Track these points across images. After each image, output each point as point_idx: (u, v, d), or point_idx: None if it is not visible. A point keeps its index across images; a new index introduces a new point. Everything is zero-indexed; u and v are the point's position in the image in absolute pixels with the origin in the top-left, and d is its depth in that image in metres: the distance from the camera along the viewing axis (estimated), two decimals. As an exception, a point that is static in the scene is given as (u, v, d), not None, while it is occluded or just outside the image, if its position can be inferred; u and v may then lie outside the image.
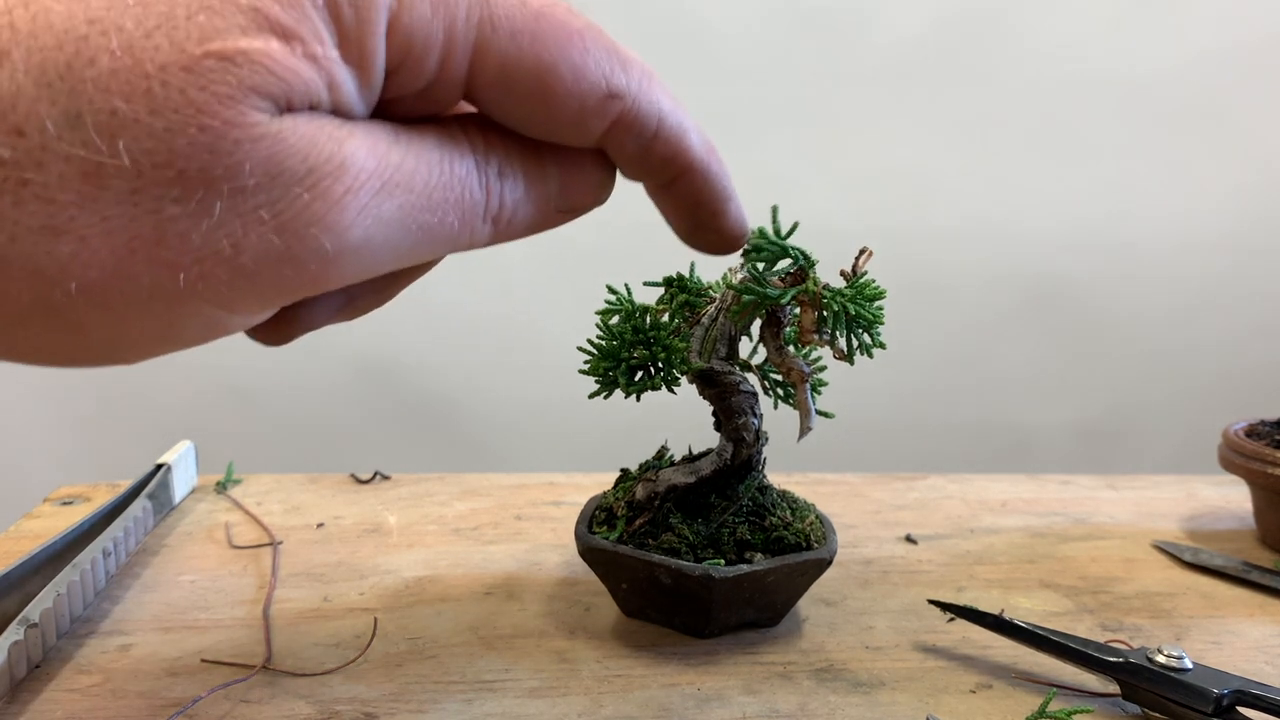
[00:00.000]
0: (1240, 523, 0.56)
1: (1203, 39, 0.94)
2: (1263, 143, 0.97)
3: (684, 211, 0.27)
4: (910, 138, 0.94)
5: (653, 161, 0.25)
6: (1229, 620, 0.42)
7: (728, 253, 0.28)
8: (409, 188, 0.20)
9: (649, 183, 0.26)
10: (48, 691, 0.34)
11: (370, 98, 0.20)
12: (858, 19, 0.91)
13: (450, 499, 0.57)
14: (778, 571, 0.36)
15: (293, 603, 0.42)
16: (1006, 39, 0.93)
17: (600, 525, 0.40)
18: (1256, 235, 0.99)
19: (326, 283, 0.20)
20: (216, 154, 0.17)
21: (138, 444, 0.72)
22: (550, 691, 0.34)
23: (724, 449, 0.39)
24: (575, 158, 0.24)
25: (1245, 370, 1.01)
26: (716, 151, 0.26)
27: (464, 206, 0.22)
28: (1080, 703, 0.34)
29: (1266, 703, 0.32)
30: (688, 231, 0.28)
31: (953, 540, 0.52)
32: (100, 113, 0.17)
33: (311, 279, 0.20)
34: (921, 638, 0.39)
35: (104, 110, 0.17)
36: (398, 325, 0.95)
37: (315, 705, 0.33)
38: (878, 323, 0.35)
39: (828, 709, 0.34)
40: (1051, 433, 1.03)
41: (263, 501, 0.55)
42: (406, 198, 0.20)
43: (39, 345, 0.19)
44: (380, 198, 0.20)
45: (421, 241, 0.21)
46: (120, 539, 0.43)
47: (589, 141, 0.23)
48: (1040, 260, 0.99)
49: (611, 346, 0.36)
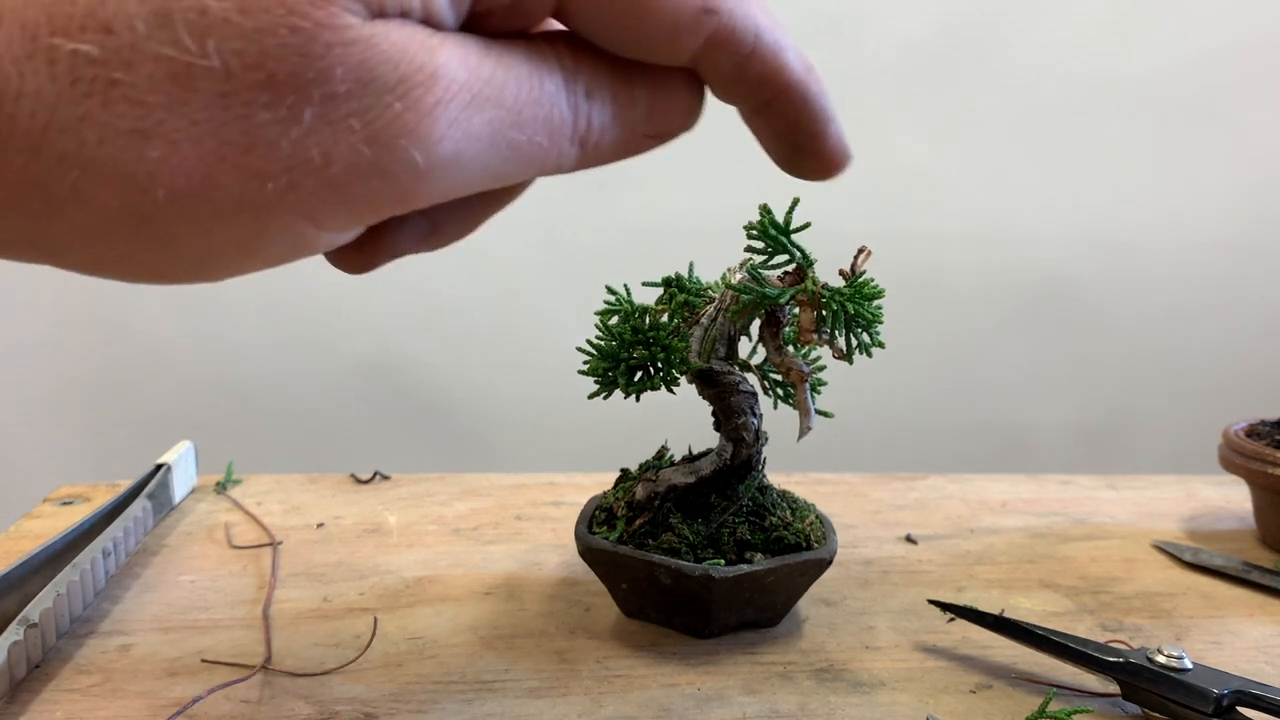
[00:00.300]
0: (1240, 523, 0.56)
1: (1203, 39, 0.94)
2: (1263, 143, 0.97)
3: (782, 135, 0.26)
4: (909, 138, 0.94)
5: (749, 81, 0.24)
6: (1229, 620, 0.42)
7: (828, 177, 0.27)
8: (499, 102, 0.20)
9: (744, 105, 0.25)
10: (47, 691, 0.34)
11: (461, 7, 0.20)
12: (858, 21, 0.91)
13: (450, 499, 0.57)
14: (778, 571, 0.36)
15: (293, 603, 0.42)
16: (1006, 41, 0.93)
17: (600, 525, 0.40)
18: (1256, 236, 0.99)
19: (416, 198, 0.20)
20: (307, 56, 0.17)
21: (138, 444, 0.72)
22: (550, 691, 0.34)
23: (724, 449, 0.39)
24: (665, 80, 0.24)
25: (1245, 370, 1.01)
26: (815, 71, 0.25)
27: (552, 125, 0.21)
28: (1080, 703, 0.34)
29: (1266, 703, 0.32)
30: (786, 157, 0.27)
31: (953, 540, 0.52)
32: (190, 11, 0.16)
33: (401, 193, 0.19)
34: (921, 638, 0.39)
35: (194, 9, 0.16)
36: (398, 325, 0.95)
37: (315, 705, 0.33)
38: (877, 322, 0.35)
39: (828, 709, 0.34)
40: (1051, 433, 1.03)
41: (263, 502, 0.55)
42: (496, 112, 0.20)
43: (127, 257, 0.19)
44: (471, 111, 0.19)
45: (510, 159, 0.21)
46: (120, 539, 0.43)
47: (682, 59, 0.23)
48: (1040, 260, 0.99)
49: (611, 347, 0.36)
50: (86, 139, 0.17)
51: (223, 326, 0.94)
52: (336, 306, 0.93)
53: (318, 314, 0.94)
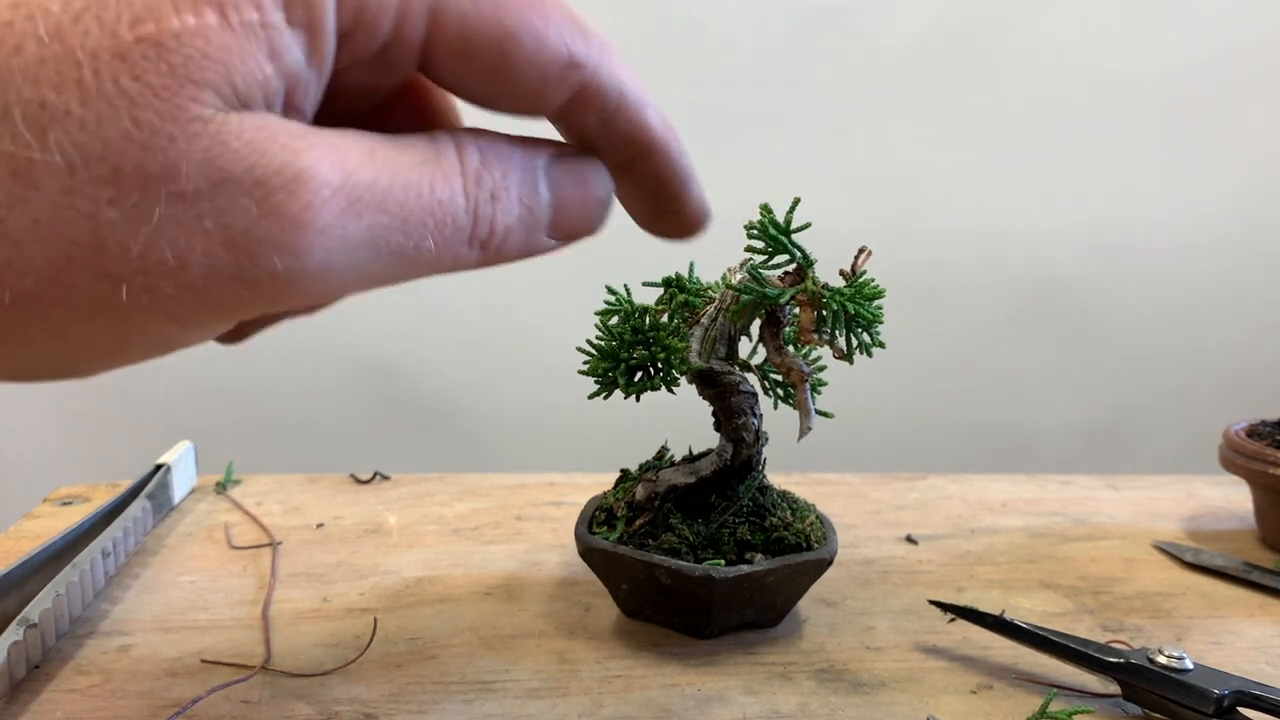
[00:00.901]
0: (1241, 523, 0.56)
1: (1203, 39, 0.94)
2: (1263, 144, 0.97)
3: (645, 194, 0.26)
4: (910, 138, 0.94)
5: (614, 138, 0.24)
6: (1230, 620, 0.42)
7: (689, 237, 0.27)
8: (381, 208, 0.19)
9: (608, 163, 0.25)
10: (47, 692, 0.34)
11: (323, 67, 0.19)
12: (857, 20, 0.91)
13: (450, 499, 0.57)
14: (778, 572, 0.36)
15: (292, 603, 0.42)
16: (1007, 40, 0.93)
17: (600, 525, 0.40)
18: (1257, 236, 0.99)
19: (286, 303, 0.19)
20: (150, 150, 0.16)
21: (137, 444, 0.72)
22: (550, 692, 0.34)
23: (724, 449, 0.39)
24: (575, 179, 0.24)
25: (1246, 371, 1.01)
26: (676, 131, 0.25)
27: (445, 231, 0.20)
28: (1081, 703, 0.34)
29: (1267, 703, 0.32)
30: (649, 216, 0.26)
31: (953, 540, 0.52)
32: (29, 104, 0.15)
33: (267, 298, 0.18)
34: (922, 638, 0.39)
35: (33, 102, 0.15)
36: (398, 325, 0.95)
37: (315, 705, 0.33)
38: (877, 322, 0.35)
39: (828, 709, 0.34)
40: (1052, 433, 1.03)
41: (262, 502, 0.55)
42: (378, 218, 0.19)
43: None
44: (346, 218, 0.18)
45: (395, 265, 0.20)
46: (120, 539, 0.43)
47: (548, 113, 0.22)
48: (1040, 261, 0.99)
49: (611, 347, 0.36)
50: None
51: (223, 326, 0.94)
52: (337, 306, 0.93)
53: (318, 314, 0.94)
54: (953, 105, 0.94)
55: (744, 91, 0.88)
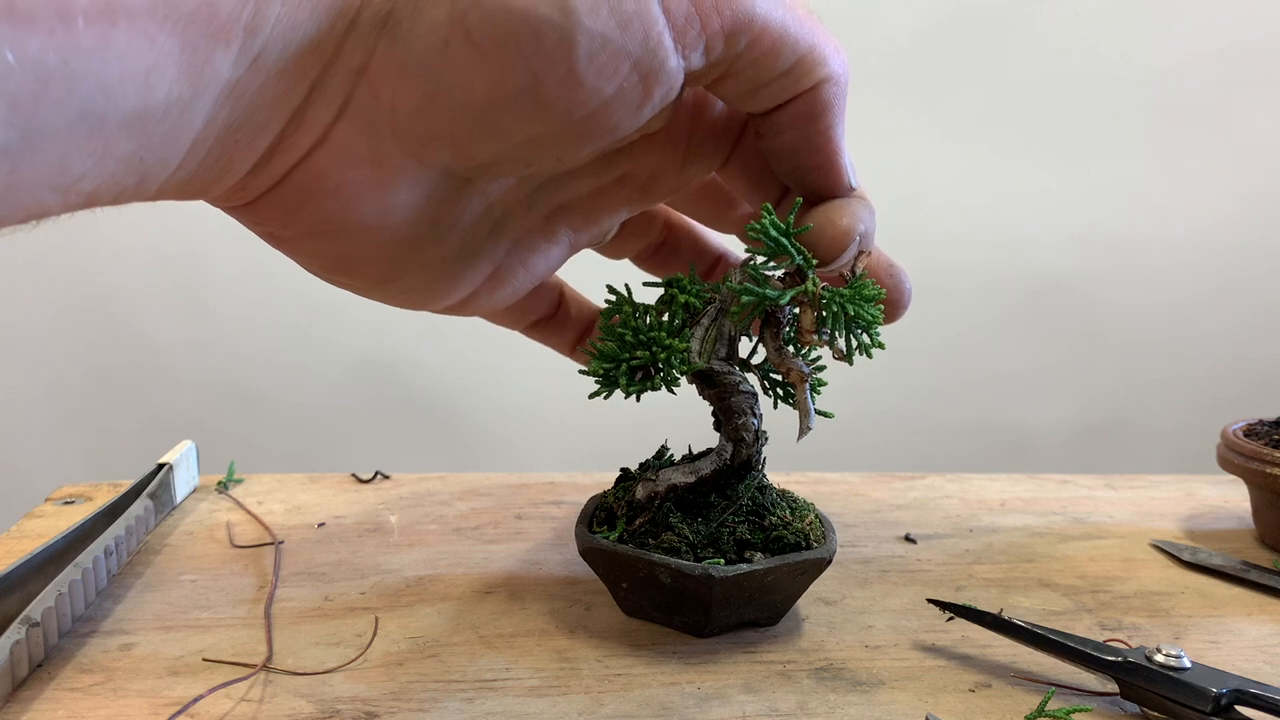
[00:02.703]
0: (1239, 522, 0.56)
1: (1203, 39, 0.94)
2: (1262, 144, 0.97)
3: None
4: (909, 138, 0.94)
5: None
6: (1228, 619, 0.42)
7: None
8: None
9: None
10: (49, 690, 0.34)
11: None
12: (857, 20, 0.91)
13: (451, 498, 0.57)
14: (777, 571, 0.37)
15: (294, 602, 0.42)
16: (1005, 40, 0.93)
17: (600, 525, 0.40)
18: (1256, 236, 0.99)
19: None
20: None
21: (139, 444, 0.72)
22: (551, 690, 0.34)
23: (724, 449, 0.39)
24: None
25: (1244, 370, 1.01)
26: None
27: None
28: (1079, 701, 0.34)
29: (1265, 702, 0.32)
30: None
31: (952, 540, 0.52)
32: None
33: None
34: (920, 637, 0.40)
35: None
36: (399, 325, 0.95)
37: (316, 704, 0.33)
38: (876, 323, 0.35)
39: (827, 708, 0.34)
40: (1050, 432, 1.03)
41: (264, 501, 0.55)
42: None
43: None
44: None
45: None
46: (122, 538, 0.44)
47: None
48: (1039, 260, 0.99)
49: (611, 347, 0.37)
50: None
51: (224, 327, 0.94)
52: (338, 306, 0.93)
53: (319, 314, 0.94)
54: (952, 105, 0.94)
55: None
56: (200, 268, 0.92)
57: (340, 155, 0.25)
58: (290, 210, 0.26)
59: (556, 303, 0.41)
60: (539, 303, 0.40)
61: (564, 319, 0.41)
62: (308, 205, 0.26)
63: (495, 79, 0.24)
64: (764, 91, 0.29)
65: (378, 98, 0.24)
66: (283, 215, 0.26)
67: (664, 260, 0.41)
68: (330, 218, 0.26)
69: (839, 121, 0.31)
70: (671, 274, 0.40)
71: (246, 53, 0.21)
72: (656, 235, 0.40)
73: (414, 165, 0.26)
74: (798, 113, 0.30)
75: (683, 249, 0.41)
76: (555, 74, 0.24)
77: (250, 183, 0.25)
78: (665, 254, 0.41)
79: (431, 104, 0.24)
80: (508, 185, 0.30)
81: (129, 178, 0.21)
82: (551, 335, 0.41)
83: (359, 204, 0.26)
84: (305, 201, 0.26)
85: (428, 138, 0.25)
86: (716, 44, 0.26)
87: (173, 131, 0.21)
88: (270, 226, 0.27)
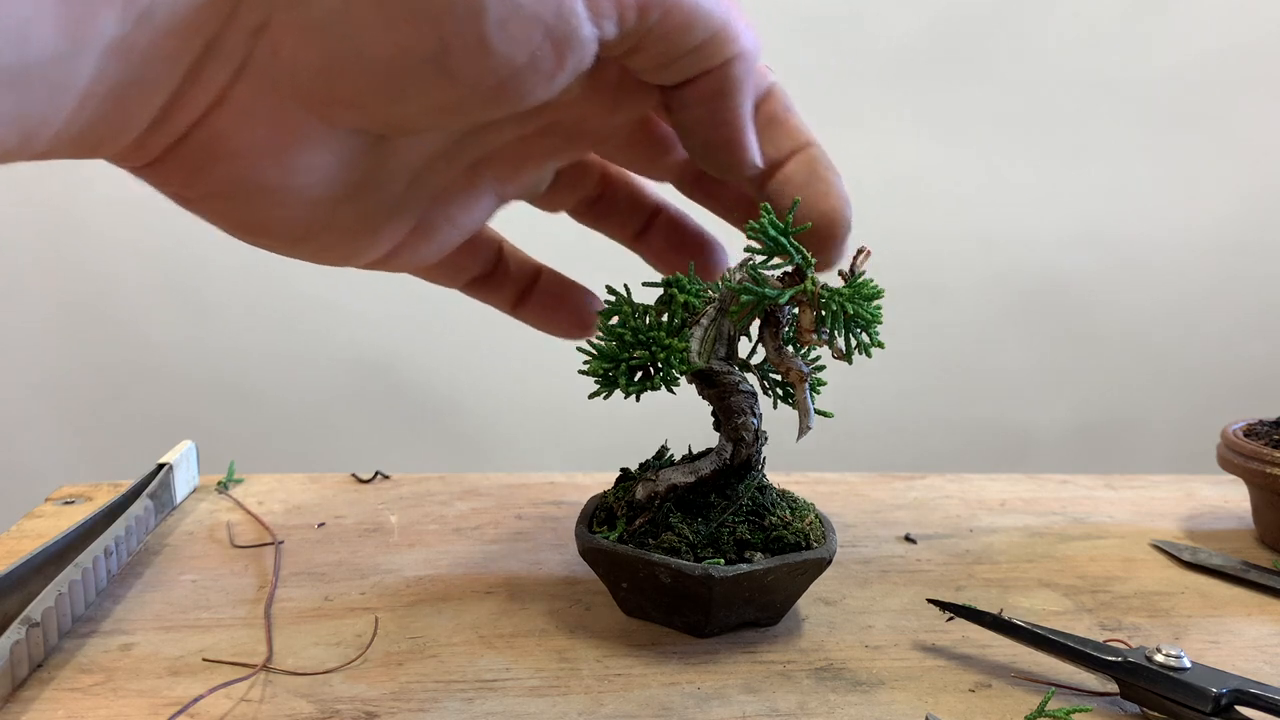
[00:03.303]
0: (1239, 522, 0.56)
1: (1203, 39, 0.94)
2: (1262, 144, 0.97)
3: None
4: (908, 138, 0.94)
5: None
6: (1227, 619, 0.42)
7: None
8: None
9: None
10: (49, 690, 0.34)
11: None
12: (856, 19, 0.91)
13: (451, 498, 0.57)
14: (777, 571, 0.37)
15: (294, 602, 0.42)
16: (1006, 41, 0.93)
17: (600, 525, 0.40)
18: (1255, 236, 0.99)
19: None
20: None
21: (139, 444, 0.72)
22: (551, 690, 0.34)
23: (723, 449, 0.39)
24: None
25: (1244, 370, 1.01)
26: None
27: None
28: (1079, 702, 0.34)
29: (1265, 702, 0.32)
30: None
31: (951, 540, 0.52)
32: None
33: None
34: (920, 637, 0.40)
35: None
36: (399, 325, 0.95)
37: (316, 704, 0.33)
38: (876, 322, 0.35)
39: (827, 708, 0.34)
40: (1050, 432, 1.03)
41: (264, 501, 0.55)
42: None
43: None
44: None
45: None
46: (122, 538, 0.44)
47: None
48: (1039, 260, 0.99)
49: (611, 347, 0.37)
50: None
51: (224, 327, 0.94)
52: (338, 306, 0.94)
53: (319, 314, 0.94)
54: (952, 105, 0.94)
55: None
56: (200, 267, 0.92)
57: (241, 115, 0.24)
58: (193, 171, 0.26)
59: (495, 259, 0.40)
60: (474, 259, 0.39)
61: (503, 276, 0.40)
62: (210, 166, 0.25)
63: (400, 42, 0.23)
64: (675, 65, 0.29)
65: (278, 58, 0.23)
66: (186, 176, 0.26)
67: (602, 213, 0.40)
68: (234, 178, 0.26)
69: (747, 99, 0.31)
70: (609, 228, 0.39)
71: (132, 8, 0.20)
72: (593, 188, 0.39)
73: (319, 126, 0.25)
74: (707, 89, 0.30)
75: (620, 201, 0.40)
76: (464, 40, 0.23)
77: (148, 141, 0.24)
78: (603, 207, 0.40)
79: (334, 66, 0.24)
80: (425, 138, 0.29)
81: (11, 136, 0.20)
82: (491, 293, 0.40)
83: (263, 164, 0.25)
84: (208, 162, 0.25)
85: (331, 100, 0.25)
86: (630, 15, 0.25)
87: (56, 88, 0.20)
88: (175, 187, 0.27)
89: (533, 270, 0.41)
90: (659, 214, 0.40)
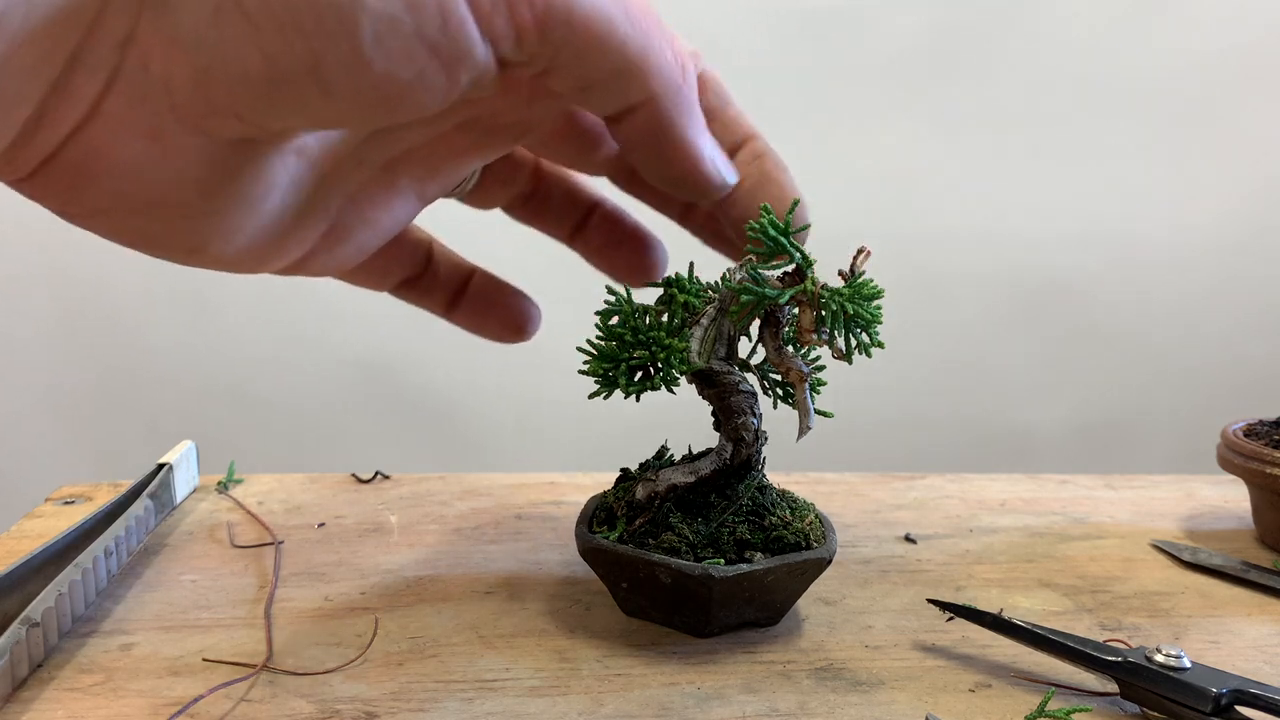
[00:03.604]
0: (1239, 522, 0.56)
1: (1203, 40, 0.94)
2: (1262, 144, 0.97)
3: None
4: (908, 138, 0.94)
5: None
6: (1227, 619, 0.42)
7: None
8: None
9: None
10: (49, 691, 0.34)
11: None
12: (856, 19, 0.91)
13: (451, 499, 0.57)
14: (777, 571, 0.37)
15: (294, 602, 0.42)
16: (1007, 41, 0.93)
17: (600, 525, 0.40)
18: (1256, 235, 0.99)
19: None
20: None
21: (139, 444, 0.72)
22: (551, 690, 0.34)
23: (723, 449, 0.39)
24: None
25: (1244, 370, 1.01)
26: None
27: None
28: (1079, 702, 0.34)
29: (1265, 702, 0.32)
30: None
31: (952, 540, 0.52)
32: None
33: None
34: (920, 637, 0.40)
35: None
36: (399, 325, 0.95)
37: (316, 704, 0.33)
38: (876, 322, 0.35)
39: (827, 707, 0.34)
40: (1050, 432, 1.03)
41: (264, 501, 0.55)
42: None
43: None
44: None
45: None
46: (122, 538, 0.44)
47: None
48: (1039, 260, 0.99)
49: (611, 347, 0.37)
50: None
51: (224, 327, 0.94)
52: (338, 306, 0.94)
53: (319, 314, 0.94)
54: (951, 105, 0.94)
55: (743, 92, 0.88)
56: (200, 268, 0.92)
57: (114, 129, 0.23)
58: (71, 187, 0.25)
59: (424, 261, 0.38)
60: (400, 261, 0.37)
61: (433, 279, 0.38)
62: (88, 181, 0.24)
63: (272, 55, 0.22)
64: (597, 93, 0.27)
65: (149, 70, 0.22)
66: (65, 192, 0.25)
67: (536, 210, 0.39)
68: (114, 193, 0.25)
69: (689, 127, 0.29)
70: (544, 225, 0.38)
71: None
72: (525, 184, 0.38)
73: (199, 138, 0.24)
74: (640, 127, 0.29)
75: (554, 197, 0.38)
76: (338, 54, 0.22)
77: (18, 155, 0.24)
78: (537, 203, 0.38)
79: (207, 77, 0.22)
80: (328, 139, 0.28)
81: None
82: (422, 296, 0.39)
83: (143, 178, 0.24)
84: (85, 177, 0.24)
85: (207, 111, 0.23)
86: (529, 35, 0.24)
87: None
88: (55, 203, 0.26)
89: (466, 272, 0.40)
90: (595, 210, 0.39)
